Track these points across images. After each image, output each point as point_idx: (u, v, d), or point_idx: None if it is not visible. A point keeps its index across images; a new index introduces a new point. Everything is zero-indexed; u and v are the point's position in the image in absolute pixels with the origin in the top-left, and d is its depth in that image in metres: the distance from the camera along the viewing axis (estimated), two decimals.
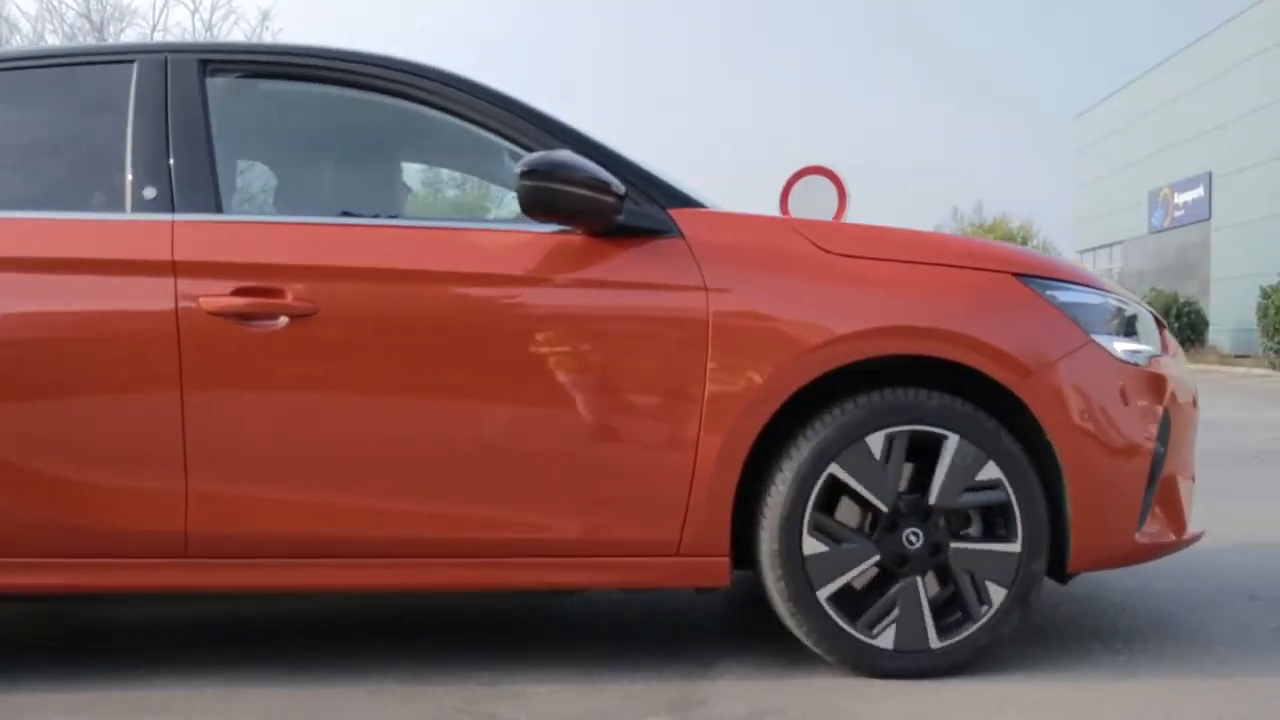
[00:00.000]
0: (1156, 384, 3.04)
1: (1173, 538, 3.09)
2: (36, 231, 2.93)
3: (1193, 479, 3.26)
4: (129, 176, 2.95)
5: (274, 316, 2.82)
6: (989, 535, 2.94)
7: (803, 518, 2.84)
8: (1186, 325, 25.34)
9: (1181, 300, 25.94)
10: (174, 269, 2.84)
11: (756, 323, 2.87)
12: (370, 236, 2.97)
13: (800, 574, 2.86)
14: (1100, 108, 39.47)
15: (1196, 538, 3.21)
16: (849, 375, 2.89)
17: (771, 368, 2.83)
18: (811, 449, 2.84)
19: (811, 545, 2.86)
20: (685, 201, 2.99)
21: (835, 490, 2.90)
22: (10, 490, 2.82)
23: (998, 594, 2.89)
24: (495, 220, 3.42)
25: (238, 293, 2.82)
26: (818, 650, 2.95)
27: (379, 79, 3.08)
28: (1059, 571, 2.99)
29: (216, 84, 3.08)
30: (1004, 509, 2.89)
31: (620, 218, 2.87)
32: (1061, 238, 52.46)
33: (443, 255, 2.92)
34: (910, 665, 2.90)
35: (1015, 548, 2.88)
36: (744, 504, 2.91)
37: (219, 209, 2.94)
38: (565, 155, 2.81)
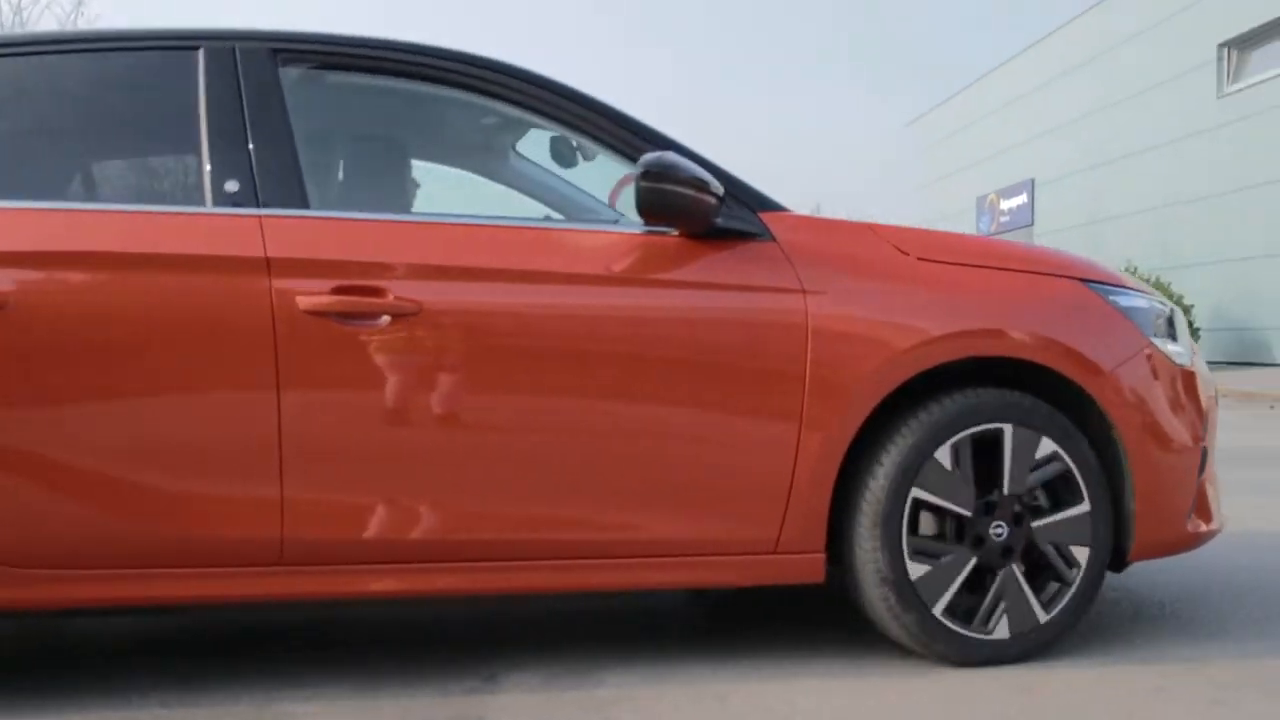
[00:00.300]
0: (1197, 383, 3.23)
1: (1206, 528, 3.26)
2: (114, 225, 2.73)
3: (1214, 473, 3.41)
4: (207, 169, 2.80)
5: (376, 316, 2.72)
6: (1058, 505, 3.04)
7: (901, 538, 2.91)
8: None
9: None
10: (268, 266, 2.70)
11: (852, 325, 2.90)
12: (470, 234, 2.89)
13: (911, 593, 2.92)
14: (934, 113, 40.83)
15: (1222, 528, 3.38)
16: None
17: (868, 369, 2.88)
18: (892, 476, 2.90)
19: (915, 569, 2.93)
20: (771, 205, 3.03)
21: (916, 508, 2.94)
22: (101, 500, 2.65)
23: (1082, 553, 3.03)
24: (587, 220, 3.37)
25: (337, 291, 2.71)
26: (928, 654, 3.00)
27: (458, 75, 3.02)
28: (1119, 560, 3.13)
29: (289, 74, 2.94)
30: (1066, 477, 3.01)
31: (719, 220, 2.89)
32: None
33: (543, 255, 2.87)
34: (1028, 645, 3.01)
35: (1085, 507, 3.02)
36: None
37: (306, 204, 2.82)
38: (674, 157, 2.81)
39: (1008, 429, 2.95)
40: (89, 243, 2.69)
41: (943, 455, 2.92)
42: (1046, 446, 2.98)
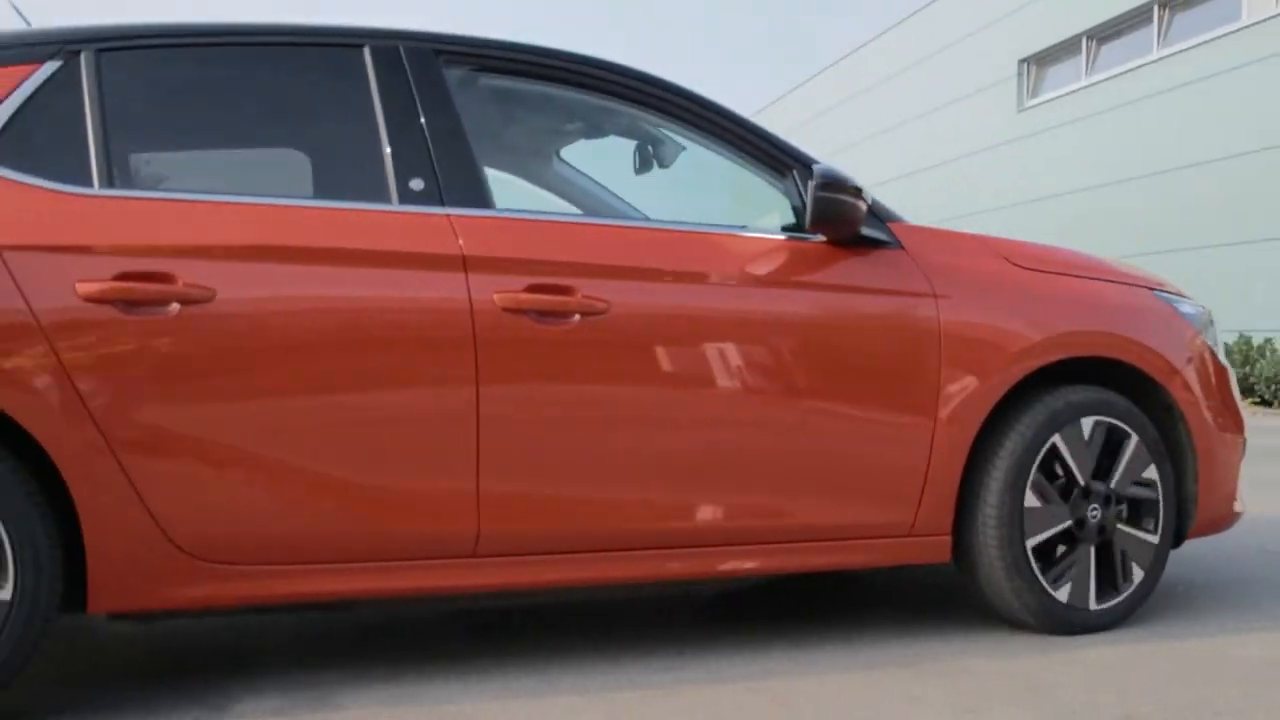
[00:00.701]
0: (1232, 378, 3.63)
1: (1240, 509, 3.64)
2: (312, 219, 2.76)
3: None
4: (390, 166, 2.83)
5: (569, 314, 2.80)
6: (1136, 523, 3.34)
7: (1027, 476, 3.17)
8: None
9: None
10: (464, 264, 2.75)
11: (975, 330, 3.18)
12: (646, 237, 3.06)
13: (1017, 524, 3.16)
14: (776, 106, 41.61)
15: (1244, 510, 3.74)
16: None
17: (990, 369, 3.16)
18: (1038, 421, 3.18)
19: (1030, 499, 3.18)
20: (894, 215, 3.26)
21: (1045, 461, 3.22)
22: (302, 495, 2.67)
23: (1137, 574, 3.34)
24: (739, 226, 3.26)
25: (531, 289, 2.78)
26: (1015, 601, 3.22)
27: (615, 86, 3.16)
28: (1177, 538, 3.48)
29: (451, 75, 2.99)
30: (1153, 506, 3.35)
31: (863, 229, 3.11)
32: None
33: (712, 258, 3.02)
34: (1075, 621, 3.26)
35: (1155, 539, 3.36)
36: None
37: (488, 203, 2.89)
38: (838, 168, 3.04)
39: (1133, 438, 3.31)
40: (290, 237, 2.69)
41: (1086, 425, 3.25)
42: (1152, 473, 3.34)
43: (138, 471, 2.52)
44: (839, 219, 3.02)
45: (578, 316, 2.81)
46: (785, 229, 3.15)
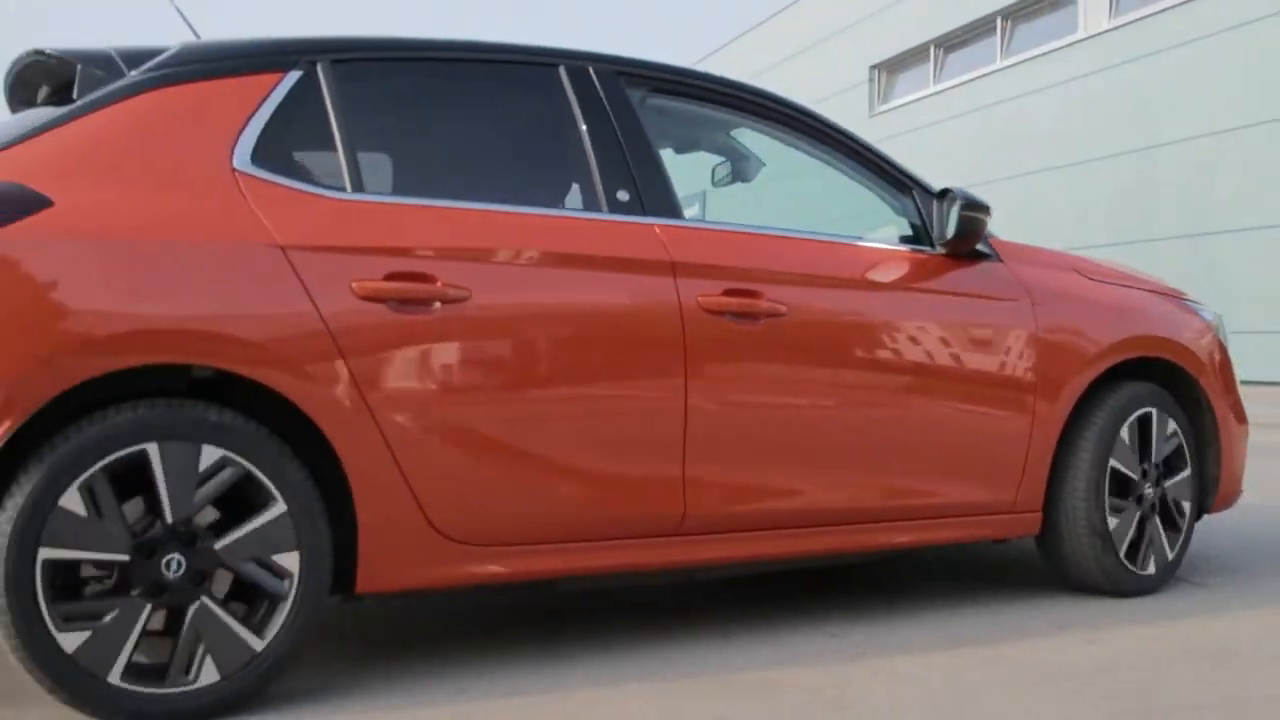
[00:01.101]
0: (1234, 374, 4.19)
1: (1243, 488, 4.21)
2: (544, 226, 2.96)
3: None
4: (598, 178, 3.06)
5: (758, 316, 3.08)
6: (1171, 473, 3.88)
7: (1108, 460, 3.69)
8: None
9: None
10: (673, 269, 2.99)
11: (1062, 335, 3.62)
12: (814, 247, 3.38)
13: (1101, 501, 3.66)
14: None
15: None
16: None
17: (1078, 365, 3.63)
18: (1115, 412, 3.70)
19: (1110, 522, 3.69)
20: (990, 233, 3.64)
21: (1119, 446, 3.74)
22: (538, 482, 2.85)
23: (1188, 507, 3.91)
24: (865, 238, 3.61)
25: (728, 293, 3.05)
26: (1096, 567, 3.67)
27: (777, 115, 3.55)
28: (1200, 512, 4.03)
29: (633, 95, 3.22)
30: (1180, 450, 3.89)
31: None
32: None
33: (867, 267, 3.39)
34: (1140, 585, 3.76)
35: (1189, 471, 3.92)
36: None
37: (680, 214, 3.12)
38: (973, 192, 3.48)
39: (1154, 412, 3.80)
40: (529, 242, 2.88)
41: (1123, 433, 3.71)
42: (1171, 425, 3.85)
43: (406, 461, 2.68)
44: (973, 235, 3.47)
45: (764, 319, 3.12)
46: (904, 240, 3.58)
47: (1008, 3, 19.65)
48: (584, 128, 3.12)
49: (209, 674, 2.48)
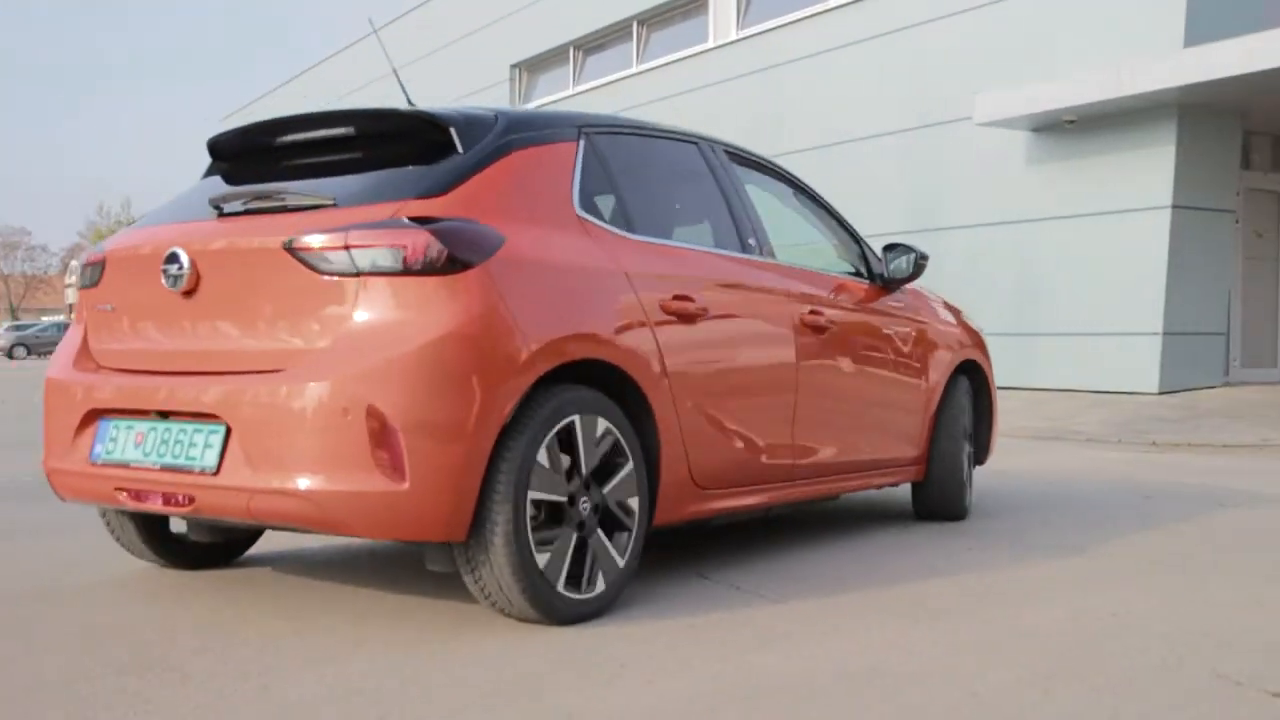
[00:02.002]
0: None
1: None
2: (721, 264, 4.04)
3: None
4: (735, 228, 4.21)
5: (823, 330, 4.37)
6: (978, 422, 5.68)
7: (962, 422, 5.45)
8: None
9: None
10: (788, 295, 4.25)
11: (943, 337, 5.23)
12: (832, 281, 4.66)
13: (969, 457, 5.53)
14: (245, 112, 39.25)
15: None
16: None
17: (948, 358, 5.22)
18: (960, 387, 5.39)
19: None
20: None
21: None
22: (738, 444, 3.91)
23: (969, 462, 5.68)
24: (840, 272, 4.87)
25: (812, 313, 4.32)
26: (961, 500, 5.25)
27: (791, 181, 4.90)
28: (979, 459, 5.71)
29: (736, 169, 4.44)
30: (973, 412, 5.65)
31: None
32: None
33: (860, 295, 4.78)
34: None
35: (971, 429, 5.62)
36: None
37: (775, 255, 4.34)
38: (913, 245, 5.01)
39: (967, 382, 5.47)
40: (723, 275, 3.99)
41: (962, 399, 5.40)
42: (988, 395, 5.65)
43: (686, 432, 3.62)
44: (918, 275, 4.93)
45: (826, 331, 4.37)
46: (853, 274, 4.89)
47: (643, 8, 19.86)
48: (720, 189, 4.26)
49: (599, 585, 3.29)
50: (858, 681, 2.69)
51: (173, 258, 3.23)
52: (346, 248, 2.99)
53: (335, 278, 3.01)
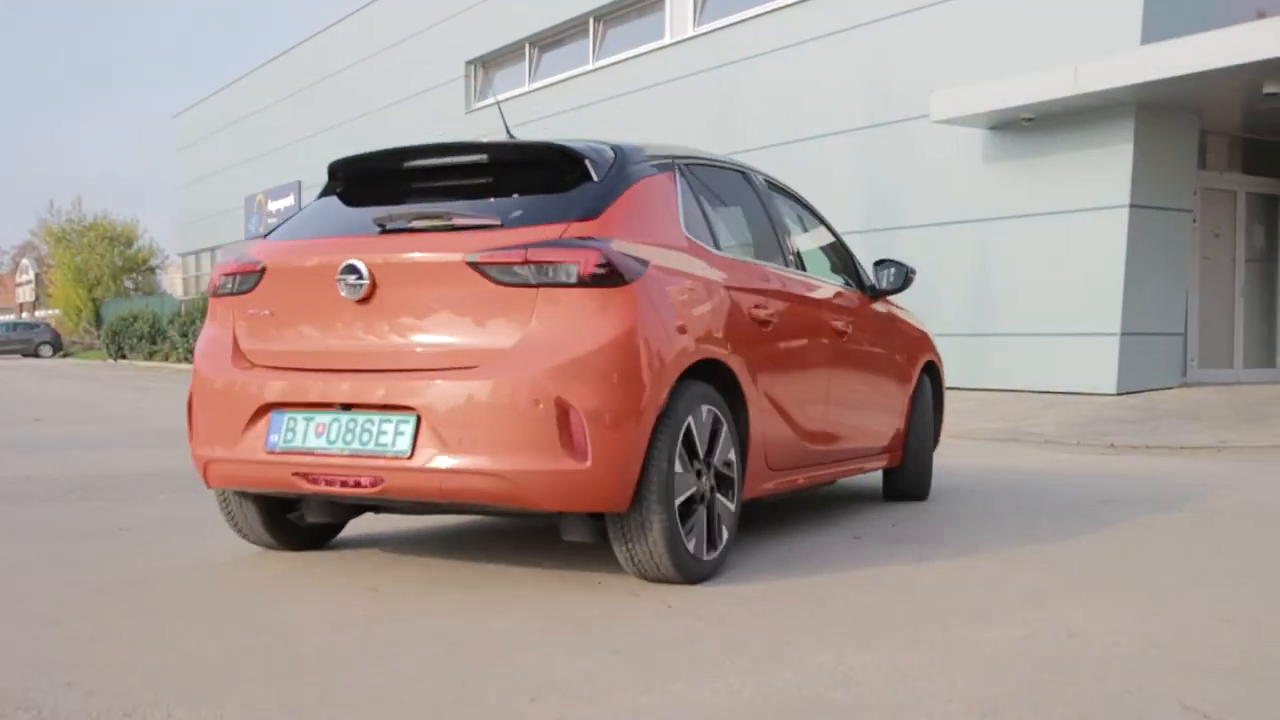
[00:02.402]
0: None
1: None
2: (775, 277, 4.59)
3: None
4: (781, 246, 4.85)
5: (843, 334, 5.01)
6: (922, 409, 6.16)
7: (930, 415, 6.23)
8: None
9: None
10: (818, 305, 4.90)
11: (918, 340, 5.94)
12: (845, 294, 5.29)
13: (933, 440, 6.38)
14: (199, 108, 38.62)
15: None
16: None
17: (920, 357, 5.92)
18: (926, 383, 6.09)
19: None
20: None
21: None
22: (795, 429, 4.53)
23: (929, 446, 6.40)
24: (834, 282, 5.36)
25: (835, 319, 5.01)
26: (927, 480, 5.98)
27: (804, 203, 5.46)
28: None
29: (774, 192, 5.11)
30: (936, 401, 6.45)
31: None
32: (169, 239, 50.75)
33: (858, 304, 5.35)
34: None
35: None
36: None
37: (805, 269, 4.99)
38: (902, 260, 5.65)
39: (929, 380, 6.15)
40: (782, 287, 4.57)
41: (928, 395, 6.12)
42: (934, 387, 6.29)
43: (765, 418, 4.26)
44: (904, 289, 5.50)
45: (844, 335, 5.01)
46: (847, 285, 5.42)
47: (600, 4, 19.59)
48: (765, 210, 4.87)
49: (724, 540, 3.90)
50: (790, 716, 2.43)
51: (351, 269, 3.63)
52: (527, 262, 3.49)
53: (514, 288, 3.51)
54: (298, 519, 4.25)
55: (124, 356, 33.33)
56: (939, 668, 2.78)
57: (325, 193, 4.34)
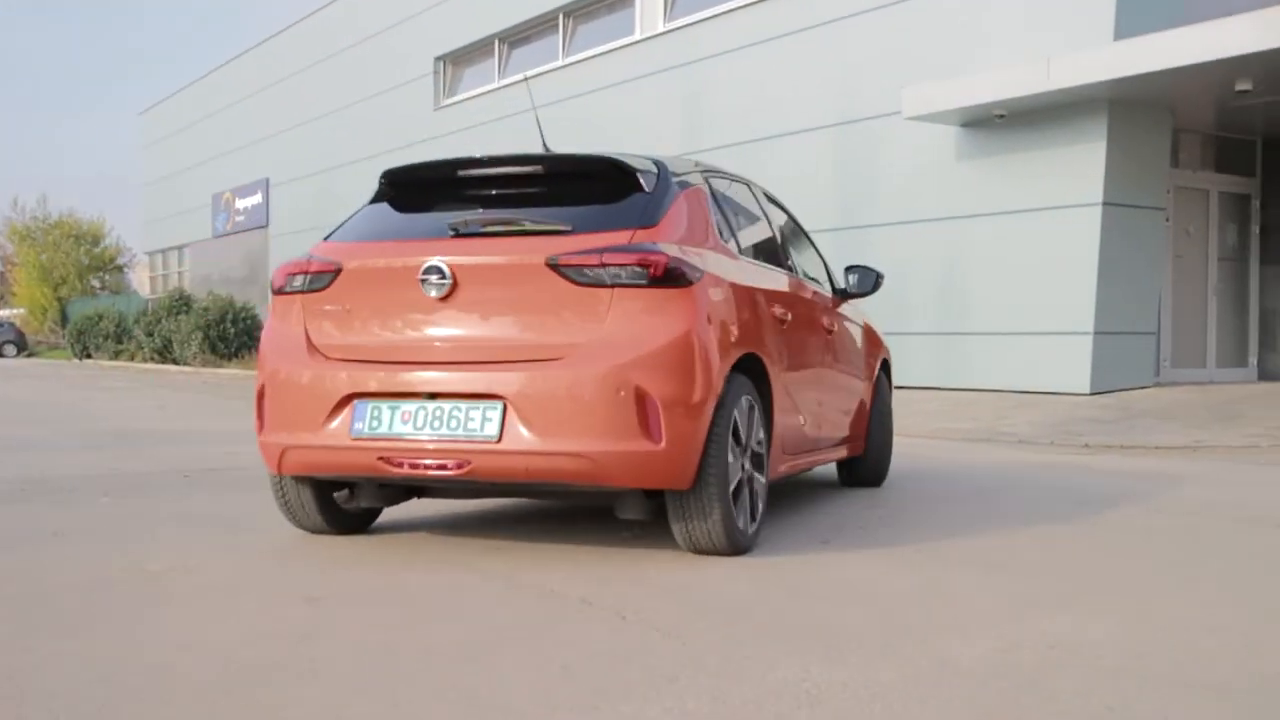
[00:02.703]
0: None
1: None
2: (785, 281, 5.08)
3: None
4: (782, 251, 5.36)
5: (832, 332, 5.57)
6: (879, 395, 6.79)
7: (887, 410, 6.84)
8: (243, 330, 24.94)
9: (239, 305, 25.49)
10: (812, 306, 5.34)
11: (877, 339, 6.50)
12: (818, 296, 5.60)
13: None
14: (165, 104, 38.10)
15: None
16: None
17: (876, 355, 6.38)
18: (884, 380, 6.67)
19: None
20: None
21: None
22: (802, 416, 4.95)
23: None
24: (813, 281, 5.72)
25: (824, 318, 5.51)
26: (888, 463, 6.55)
27: (787, 214, 5.86)
28: None
29: (771, 203, 5.61)
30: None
31: None
32: (135, 237, 50.10)
33: (838, 305, 5.86)
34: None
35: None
36: None
37: (798, 272, 5.44)
38: (871, 266, 6.06)
39: (886, 380, 6.73)
40: (791, 290, 5.06)
41: (887, 392, 6.68)
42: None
43: (784, 404, 4.67)
44: (873, 292, 5.90)
45: (833, 333, 5.56)
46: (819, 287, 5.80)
47: (569, 0, 19.35)
48: (767, 219, 5.33)
49: (759, 515, 4.33)
50: None
51: (435, 269, 3.93)
52: (602, 265, 3.85)
53: (589, 288, 3.85)
54: (345, 503, 4.50)
55: (89, 356, 32.82)
56: (911, 684, 2.59)
57: (377, 199, 4.59)
